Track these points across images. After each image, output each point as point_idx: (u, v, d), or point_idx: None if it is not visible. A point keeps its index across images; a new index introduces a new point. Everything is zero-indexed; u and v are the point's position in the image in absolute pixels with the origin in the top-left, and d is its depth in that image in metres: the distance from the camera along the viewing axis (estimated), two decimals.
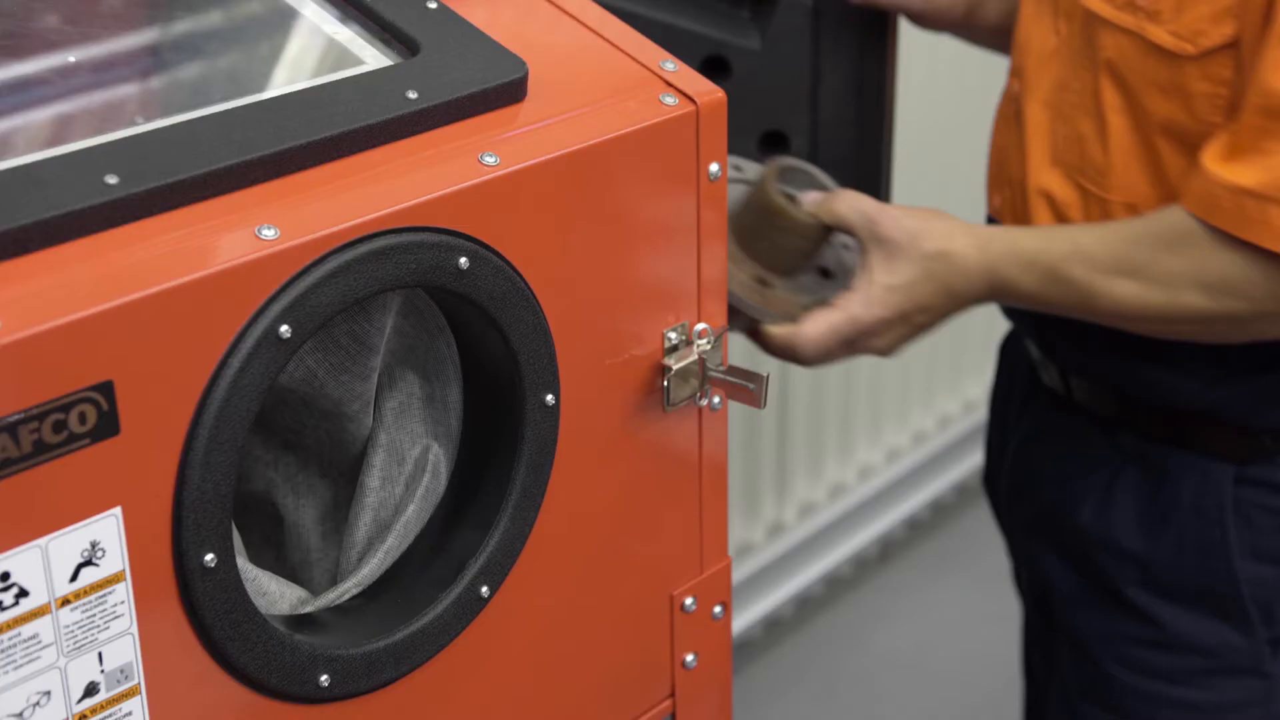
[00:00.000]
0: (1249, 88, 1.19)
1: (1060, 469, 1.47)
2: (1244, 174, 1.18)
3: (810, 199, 1.31)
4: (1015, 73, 1.41)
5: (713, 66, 1.46)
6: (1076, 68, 1.32)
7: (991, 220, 1.45)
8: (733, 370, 1.08)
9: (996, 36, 1.52)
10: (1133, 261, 1.25)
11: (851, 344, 1.28)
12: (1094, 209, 1.32)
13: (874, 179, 1.49)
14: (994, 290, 1.28)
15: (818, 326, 1.26)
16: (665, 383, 1.05)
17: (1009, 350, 1.62)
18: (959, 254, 1.27)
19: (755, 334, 1.29)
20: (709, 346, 1.07)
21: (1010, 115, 1.42)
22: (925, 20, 1.52)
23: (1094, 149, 1.31)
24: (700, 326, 1.07)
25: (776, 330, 1.27)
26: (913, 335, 1.30)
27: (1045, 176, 1.35)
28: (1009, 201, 1.41)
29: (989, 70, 1.86)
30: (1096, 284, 1.25)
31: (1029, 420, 1.53)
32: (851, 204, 1.29)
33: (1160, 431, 1.39)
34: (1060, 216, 1.34)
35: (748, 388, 1.07)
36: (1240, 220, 1.19)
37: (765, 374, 1.06)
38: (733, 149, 1.24)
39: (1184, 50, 1.23)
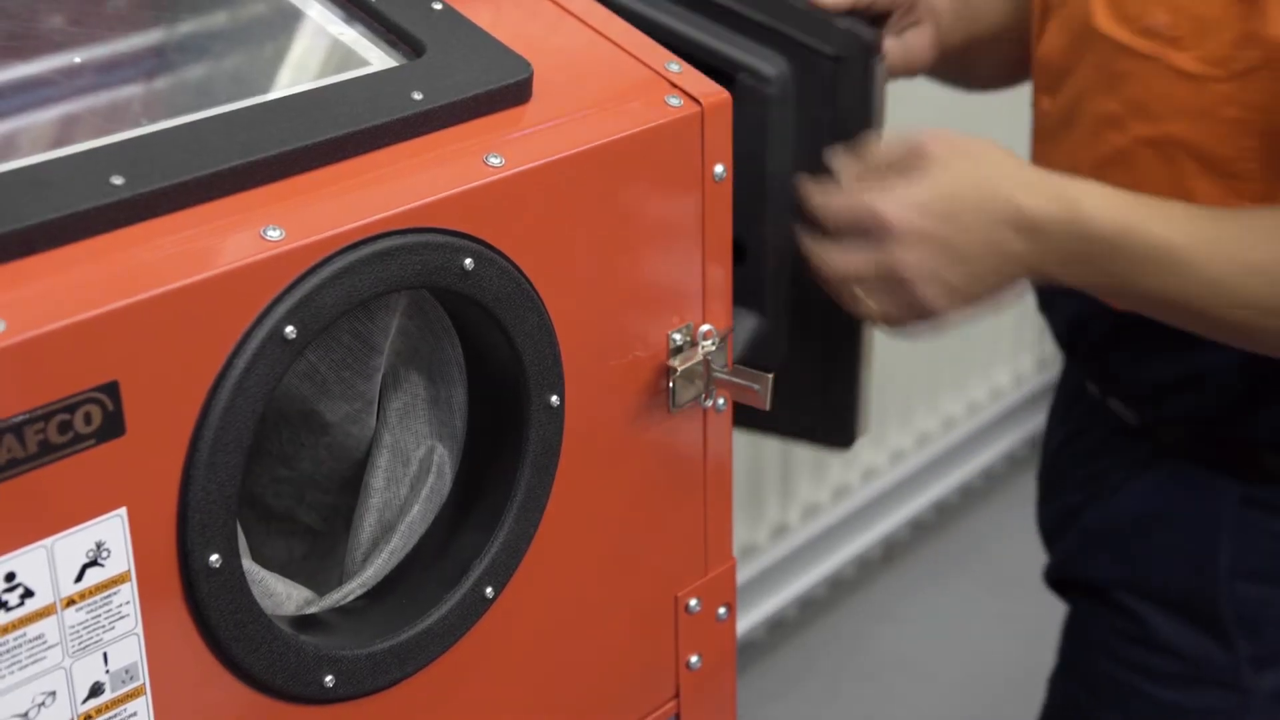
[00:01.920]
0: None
1: (1084, 469, 1.46)
2: None
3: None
4: (1046, 90, 1.36)
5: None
6: (1096, 94, 1.28)
7: None
8: (737, 371, 1.08)
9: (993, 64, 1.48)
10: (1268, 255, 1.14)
11: (872, 245, 1.15)
12: None
13: None
14: (1065, 226, 1.14)
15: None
16: (670, 384, 1.05)
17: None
18: (1012, 162, 1.15)
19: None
20: (714, 347, 1.07)
21: (1045, 131, 1.37)
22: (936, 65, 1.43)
23: (1118, 176, 1.24)
24: (705, 328, 1.07)
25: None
26: (946, 267, 1.14)
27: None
28: None
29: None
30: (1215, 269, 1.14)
31: (1071, 423, 1.52)
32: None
33: (1175, 442, 1.37)
34: None
35: (752, 388, 1.07)
36: None
37: (770, 375, 1.06)
38: None
39: (1212, 75, 1.20)
